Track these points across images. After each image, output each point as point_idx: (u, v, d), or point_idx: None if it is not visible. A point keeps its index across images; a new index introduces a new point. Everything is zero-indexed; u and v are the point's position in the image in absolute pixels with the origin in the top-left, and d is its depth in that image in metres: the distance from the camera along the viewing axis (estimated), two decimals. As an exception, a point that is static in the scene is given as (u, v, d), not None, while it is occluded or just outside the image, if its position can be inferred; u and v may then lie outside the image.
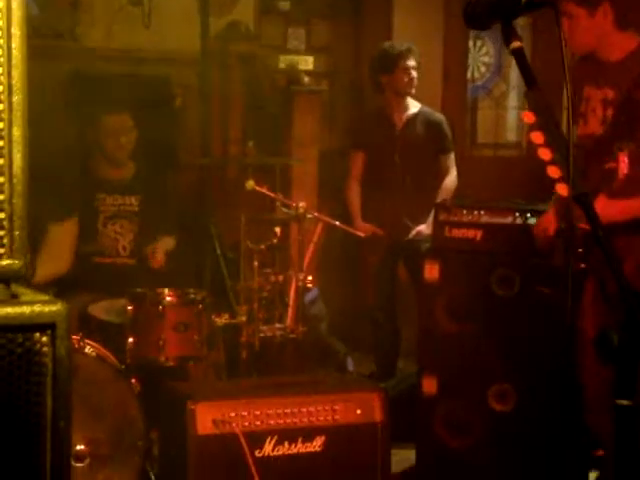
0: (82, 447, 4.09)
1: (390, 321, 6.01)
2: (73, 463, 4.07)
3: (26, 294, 1.81)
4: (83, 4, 6.35)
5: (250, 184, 4.94)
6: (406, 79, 5.84)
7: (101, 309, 4.80)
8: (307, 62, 7.03)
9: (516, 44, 2.20)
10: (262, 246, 4.99)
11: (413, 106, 5.97)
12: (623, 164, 3.77)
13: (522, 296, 4.45)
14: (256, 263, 4.91)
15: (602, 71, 3.94)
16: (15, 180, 1.74)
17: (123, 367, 4.41)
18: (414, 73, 5.86)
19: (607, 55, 3.92)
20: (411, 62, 5.84)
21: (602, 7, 3.85)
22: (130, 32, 6.35)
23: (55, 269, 4.99)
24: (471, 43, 7.56)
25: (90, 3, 6.37)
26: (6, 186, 1.74)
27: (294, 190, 6.48)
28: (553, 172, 2.13)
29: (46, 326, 1.75)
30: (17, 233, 1.75)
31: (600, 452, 4.14)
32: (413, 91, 5.91)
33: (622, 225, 3.63)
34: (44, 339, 1.75)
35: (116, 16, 6.30)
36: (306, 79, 6.84)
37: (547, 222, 4.20)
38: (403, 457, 4.76)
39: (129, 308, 4.55)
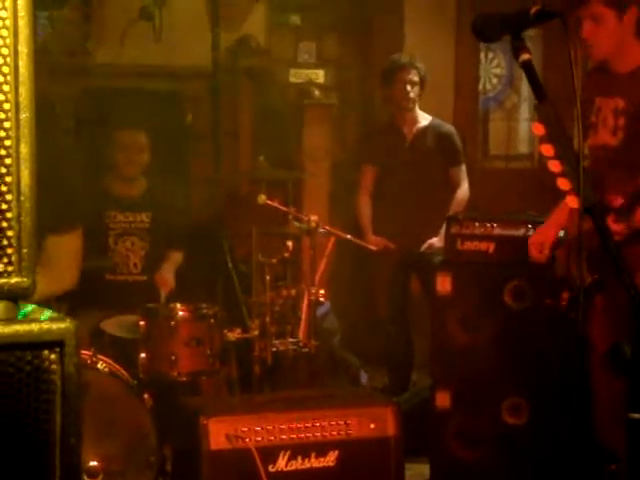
0: (95, 463, 4.08)
1: (403, 334, 5.99)
2: (86, 479, 4.07)
3: (35, 311, 1.81)
4: (94, 19, 6.37)
5: (262, 198, 4.93)
6: (402, 93, 5.81)
7: (113, 325, 4.79)
8: (318, 76, 7.03)
9: (525, 56, 2.20)
10: (274, 260, 4.98)
11: (423, 119, 5.96)
12: None
13: (535, 308, 4.43)
14: (268, 277, 4.90)
15: (612, 81, 3.94)
16: (23, 198, 1.74)
17: (135, 382, 4.41)
18: (409, 87, 5.81)
19: (619, 65, 3.92)
20: (409, 76, 5.80)
21: (630, 10, 3.83)
22: (141, 47, 6.36)
23: (57, 286, 4.95)
24: (482, 55, 7.54)
25: (101, 18, 6.39)
26: (14, 204, 1.74)
27: (306, 203, 6.47)
28: (563, 184, 2.13)
29: (54, 343, 1.74)
30: (25, 251, 1.75)
31: (614, 466, 4.12)
32: (410, 105, 5.87)
33: (631, 236, 3.62)
34: (53, 357, 1.74)
35: (127, 31, 6.31)
36: (317, 92, 6.84)
37: (544, 237, 4.21)
38: (417, 471, 4.74)
39: (141, 323, 4.55)
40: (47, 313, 1.81)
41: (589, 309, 3.87)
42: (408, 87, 5.80)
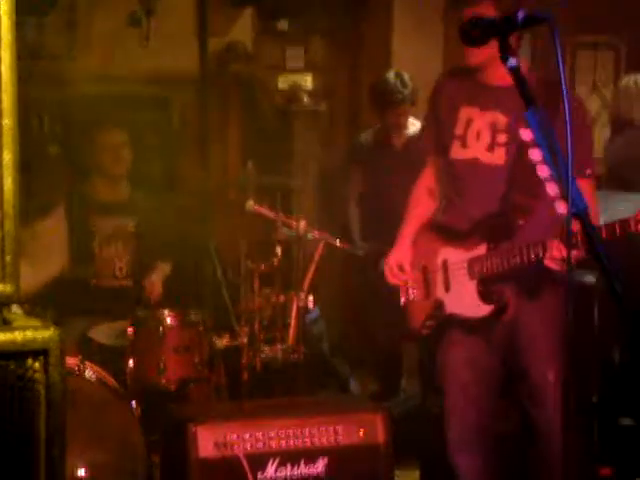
0: (83, 472, 4.06)
1: (392, 340, 5.98)
2: (74, 488, 4.04)
3: (18, 319, 1.79)
4: (80, 25, 6.35)
5: (250, 204, 4.92)
6: (394, 123, 5.81)
7: (101, 332, 4.78)
8: (306, 81, 7.02)
9: (513, 61, 2.19)
10: (262, 266, 4.96)
11: (412, 125, 5.94)
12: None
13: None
14: (257, 283, 4.88)
15: (485, 93, 3.71)
16: (6, 205, 1.73)
17: (123, 390, 4.38)
18: (402, 119, 5.79)
19: (495, 76, 3.63)
20: (402, 110, 5.77)
21: None
22: (128, 53, 6.35)
23: (47, 273, 4.96)
24: (470, 59, 7.53)
25: (88, 24, 6.37)
26: (-4, 210, 1.72)
27: (294, 210, 6.45)
28: (550, 189, 2.11)
29: (39, 352, 1.72)
30: (9, 257, 1.73)
31: (606, 470, 4.09)
32: (402, 127, 5.87)
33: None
34: (37, 365, 1.72)
35: (114, 37, 6.30)
36: (305, 98, 6.83)
37: (401, 257, 4.07)
38: (407, 478, 4.72)
39: (129, 330, 4.52)
40: (31, 321, 1.80)
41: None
42: (401, 119, 5.81)
